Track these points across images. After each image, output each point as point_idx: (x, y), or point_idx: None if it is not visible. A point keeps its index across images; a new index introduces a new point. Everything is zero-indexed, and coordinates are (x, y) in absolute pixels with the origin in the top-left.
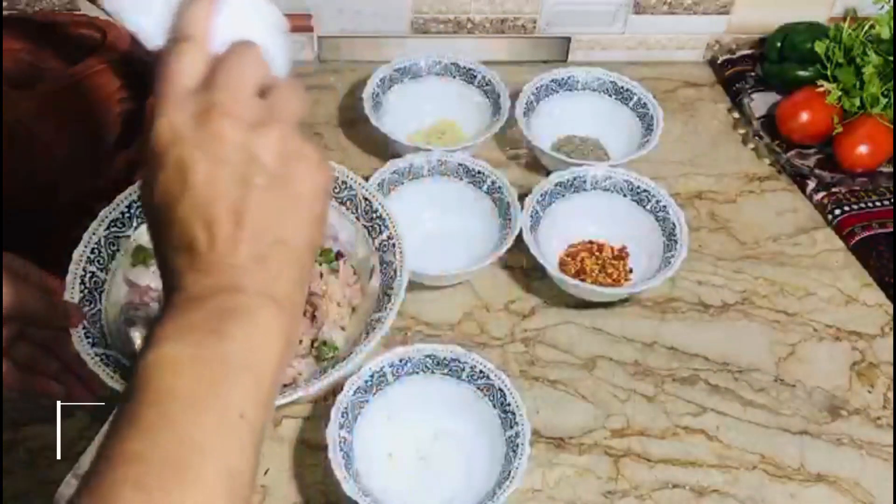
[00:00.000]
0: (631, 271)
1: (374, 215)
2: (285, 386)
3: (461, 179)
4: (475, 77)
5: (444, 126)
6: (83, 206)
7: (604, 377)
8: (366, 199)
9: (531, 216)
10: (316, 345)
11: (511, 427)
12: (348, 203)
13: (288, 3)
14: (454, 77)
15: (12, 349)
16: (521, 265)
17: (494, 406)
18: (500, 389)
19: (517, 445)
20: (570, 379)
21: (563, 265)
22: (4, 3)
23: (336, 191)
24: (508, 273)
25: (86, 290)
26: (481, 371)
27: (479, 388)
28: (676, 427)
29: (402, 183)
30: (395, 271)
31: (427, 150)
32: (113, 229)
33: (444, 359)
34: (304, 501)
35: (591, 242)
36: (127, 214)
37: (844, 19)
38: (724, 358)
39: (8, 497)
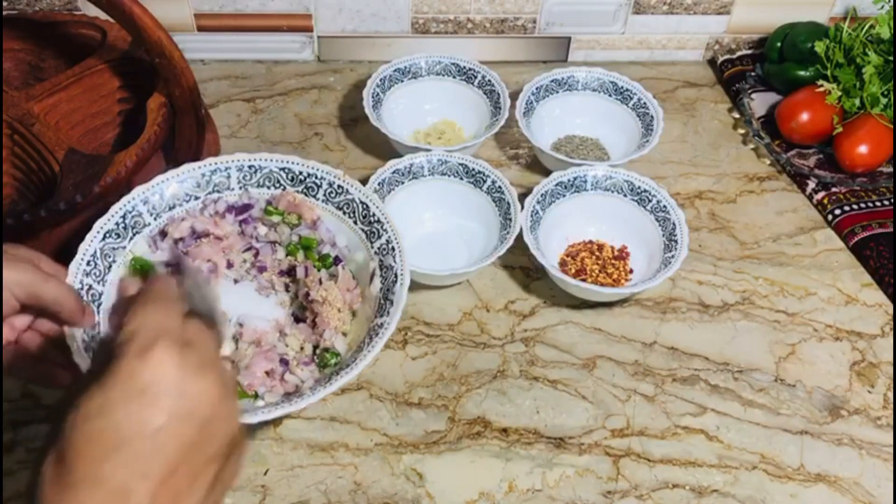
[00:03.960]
0: (631, 271)
1: (372, 219)
2: (289, 394)
3: (461, 179)
4: (475, 77)
5: (444, 126)
6: (83, 206)
7: (604, 377)
8: (363, 203)
9: (531, 216)
10: (318, 351)
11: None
12: (345, 207)
13: (288, 3)
14: (454, 77)
15: (22, 337)
16: (521, 265)
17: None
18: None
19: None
20: (570, 379)
21: (563, 265)
22: (4, 3)
23: (332, 195)
24: (508, 273)
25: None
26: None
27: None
28: (676, 427)
29: (402, 183)
30: (395, 275)
31: (427, 150)
32: (108, 240)
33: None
34: (304, 501)
35: (591, 242)
36: (122, 225)
37: (844, 19)
38: (724, 358)
39: (8, 497)
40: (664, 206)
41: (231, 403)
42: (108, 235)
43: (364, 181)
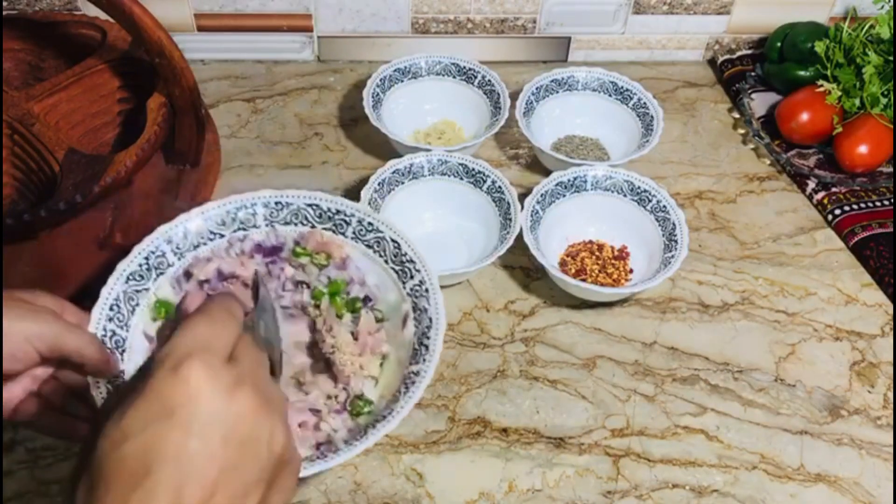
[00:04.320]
0: (631, 271)
1: (404, 259)
2: (321, 444)
3: (461, 179)
4: (475, 77)
5: (444, 126)
6: (83, 206)
7: (604, 377)
8: (394, 241)
9: (531, 216)
10: (349, 399)
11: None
12: (375, 245)
13: (288, 3)
14: (454, 77)
15: (44, 388)
16: (521, 265)
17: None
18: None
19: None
20: (570, 379)
21: (563, 265)
22: (4, 3)
23: (362, 233)
24: (508, 273)
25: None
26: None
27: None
28: (676, 427)
29: (402, 183)
30: (430, 319)
31: (427, 150)
32: (131, 283)
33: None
34: (305, 501)
35: (591, 242)
36: (145, 266)
37: (844, 19)
38: (724, 358)
39: (8, 497)
40: (664, 206)
41: (275, 423)
42: (130, 278)
43: (364, 181)
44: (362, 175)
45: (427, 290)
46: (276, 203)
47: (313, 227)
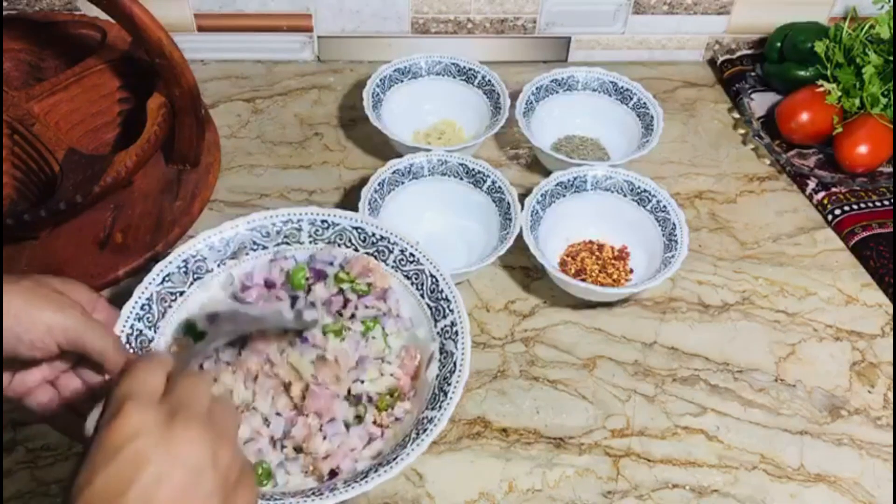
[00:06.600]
0: (631, 271)
1: (440, 296)
2: (322, 477)
3: (461, 179)
4: (475, 77)
5: (444, 126)
6: (83, 206)
7: (604, 377)
8: (433, 276)
9: (531, 216)
10: None
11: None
12: (414, 278)
13: (288, 3)
14: (454, 77)
15: (61, 381)
16: (521, 265)
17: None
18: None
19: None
20: (570, 379)
21: (563, 265)
22: (4, 3)
23: (403, 263)
24: (508, 273)
25: (131, 351)
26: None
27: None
28: (676, 427)
29: (402, 183)
30: (454, 364)
31: (427, 150)
32: (167, 284)
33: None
34: None
35: (591, 242)
36: (183, 269)
37: (844, 19)
38: (724, 358)
39: (8, 497)
40: (664, 206)
41: (216, 442)
42: (167, 279)
43: (364, 181)
44: (362, 175)
45: (457, 334)
46: (322, 221)
47: (356, 249)
